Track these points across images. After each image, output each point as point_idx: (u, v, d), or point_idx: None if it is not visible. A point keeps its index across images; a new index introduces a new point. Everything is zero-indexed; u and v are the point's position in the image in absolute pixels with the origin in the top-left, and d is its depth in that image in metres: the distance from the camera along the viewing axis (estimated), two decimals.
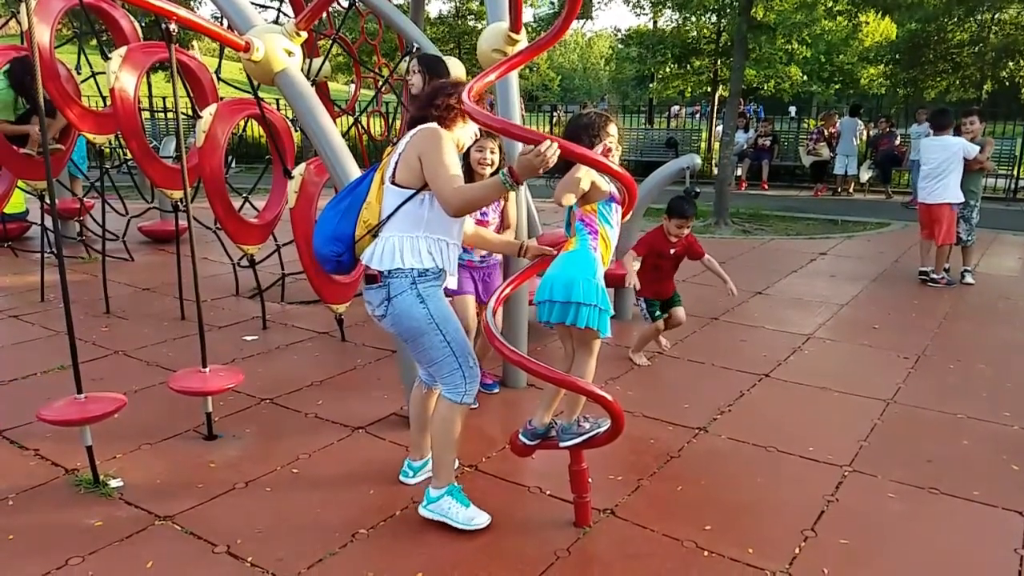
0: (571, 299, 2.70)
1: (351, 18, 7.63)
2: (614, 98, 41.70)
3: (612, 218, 2.85)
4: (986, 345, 5.35)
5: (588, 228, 2.81)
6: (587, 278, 2.73)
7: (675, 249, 4.75)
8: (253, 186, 6.11)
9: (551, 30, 3.15)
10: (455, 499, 2.97)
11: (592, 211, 2.81)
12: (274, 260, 6.15)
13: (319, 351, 5.10)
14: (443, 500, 2.96)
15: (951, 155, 6.88)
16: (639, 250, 4.65)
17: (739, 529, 2.98)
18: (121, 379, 4.43)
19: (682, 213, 4.64)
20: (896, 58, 19.95)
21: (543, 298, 2.78)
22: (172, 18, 3.30)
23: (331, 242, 2.85)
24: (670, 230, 4.68)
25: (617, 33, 20.41)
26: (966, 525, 3.06)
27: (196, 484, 3.27)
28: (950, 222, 6.98)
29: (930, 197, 7.07)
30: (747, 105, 21.33)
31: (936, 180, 7.01)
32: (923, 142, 7.26)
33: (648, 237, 4.76)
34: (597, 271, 2.79)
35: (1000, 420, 4.03)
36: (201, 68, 5.86)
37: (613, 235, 2.87)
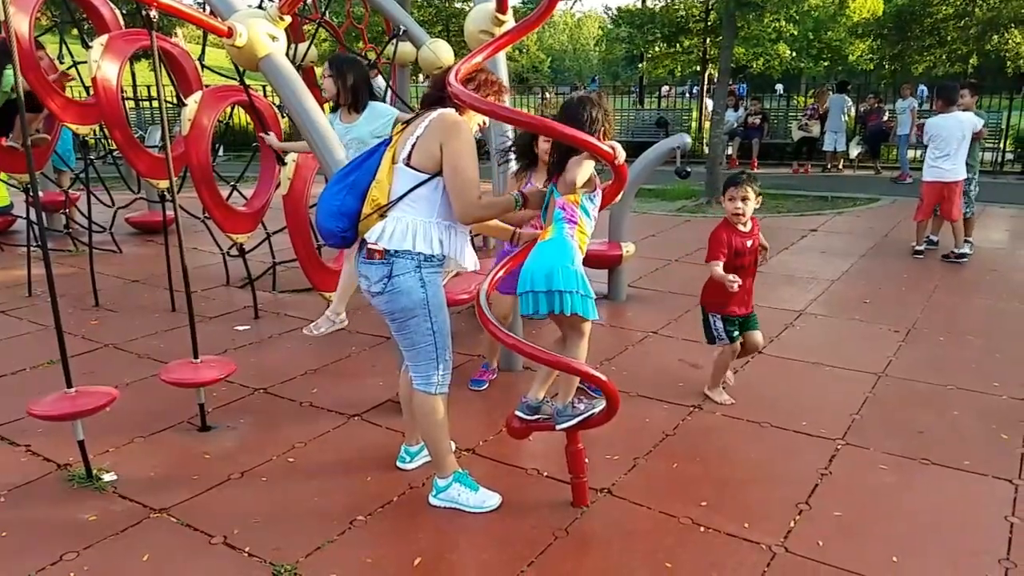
0: (552, 288, 2.69)
1: (337, 2, 7.55)
2: (605, 78, 41.51)
3: (592, 210, 2.84)
4: (975, 317, 5.39)
5: (567, 218, 2.78)
6: (565, 265, 2.71)
7: (752, 239, 3.81)
8: (241, 174, 6.07)
9: (537, 10, 3.12)
10: (464, 485, 2.99)
11: (575, 201, 2.79)
12: (264, 248, 6.12)
13: (312, 339, 5.04)
14: (452, 488, 2.98)
15: (965, 131, 6.84)
16: (718, 253, 3.71)
17: (734, 504, 3.00)
18: (112, 372, 4.40)
19: (733, 180, 3.78)
20: (883, 33, 19.92)
21: (524, 289, 2.76)
22: (153, 5, 3.25)
23: (336, 217, 2.78)
24: (734, 210, 3.74)
25: (608, 12, 20.29)
26: (957, 494, 3.09)
27: (191, 476, 3.26)
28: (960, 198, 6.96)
29: (948, 175, 6.93)
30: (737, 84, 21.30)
31: (953, 157, 6.90)
32: (934, 120, 7.09)
33: (718, 234, 3.76)
34: (575, 258, 2.77)
35: (989, 390, 4.07)
36: (184, 55, 5.80)
37: (590, 225, 2.85)
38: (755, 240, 3.81)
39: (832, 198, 10.77)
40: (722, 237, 3.73)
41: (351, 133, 4.29)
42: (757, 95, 16.86)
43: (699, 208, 10.07)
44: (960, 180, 6.93)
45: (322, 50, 8.52)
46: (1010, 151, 14.03)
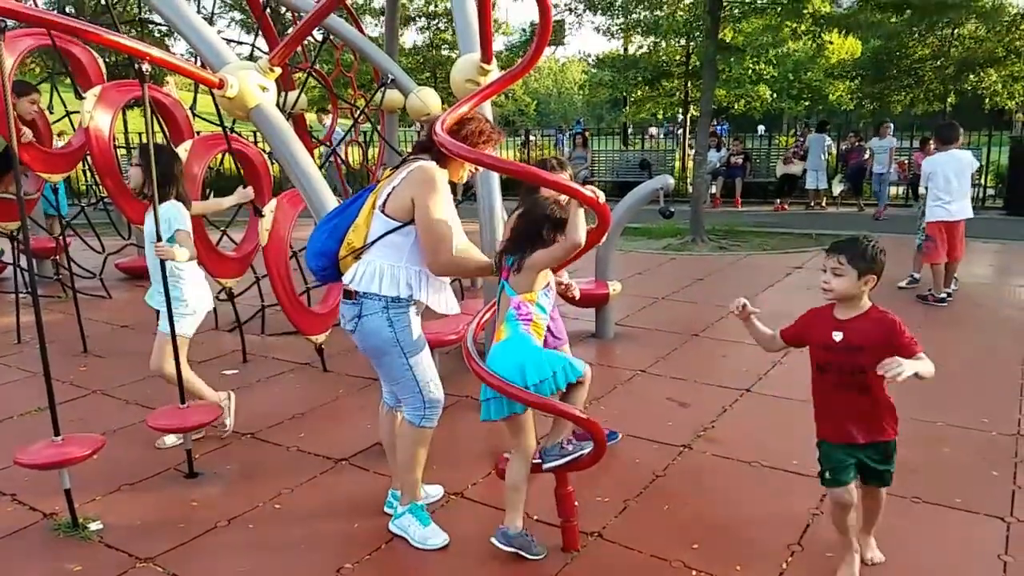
0: (527, 383, 2.69)
1: (326, 50, 7.69)
2: (589, 121, 42.13)
3: (548, 304, 2.88)
4: (962, 352, 5.42)
5: (521, 317, 2.79)
6: (530, 361, 2.72)
7: (843, 332, 2.71)
8: (231, 219, 6.10)
9: (522, 61, 3.22)
10: (415, 517, 3.05)
11: (531, 300, 2.80)
12: (254, 292, 6.12)
13: (300, 383, 5.07)
14: (405, 517, 3.06)
15: (965, 168, 6.81)
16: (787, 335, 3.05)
17: (726, 546, 2.99)
18: (100, 419, 4.38)
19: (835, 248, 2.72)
20: (862, 74, 20.37)
21: (487, 396, 2.78)
22: (146, 58, 3.31)
23: (316, 257, 3.02)
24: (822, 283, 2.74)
25: (587, 58, 20.65)
26: (950, 534, 3.08)
27: (177, 524, 3.23)
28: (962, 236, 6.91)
29: (960, 213, 6.83)
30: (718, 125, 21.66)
31: (962, 195, 6.83)
32: (937, 158, 6.97)
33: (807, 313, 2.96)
34: (533, 344, 2.78)
35: (979, 427, 4.08)
36: (176, 104, 5.87)
37: (545, 319, 2.87)
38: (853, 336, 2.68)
39: (816, 235, 10.89)
40: (806, 316, 2.96)
41: (148, 225, 3.84)
42: (739, 135, 17.15)
43: (684, 246, 10.17)
44: (964, 219, 6.86)
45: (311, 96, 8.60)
46: (991, 187, 14.28)
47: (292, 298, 4.80)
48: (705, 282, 7.99)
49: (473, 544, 3.05)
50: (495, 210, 4.28)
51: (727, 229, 11.23)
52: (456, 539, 3.05)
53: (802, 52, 18.70)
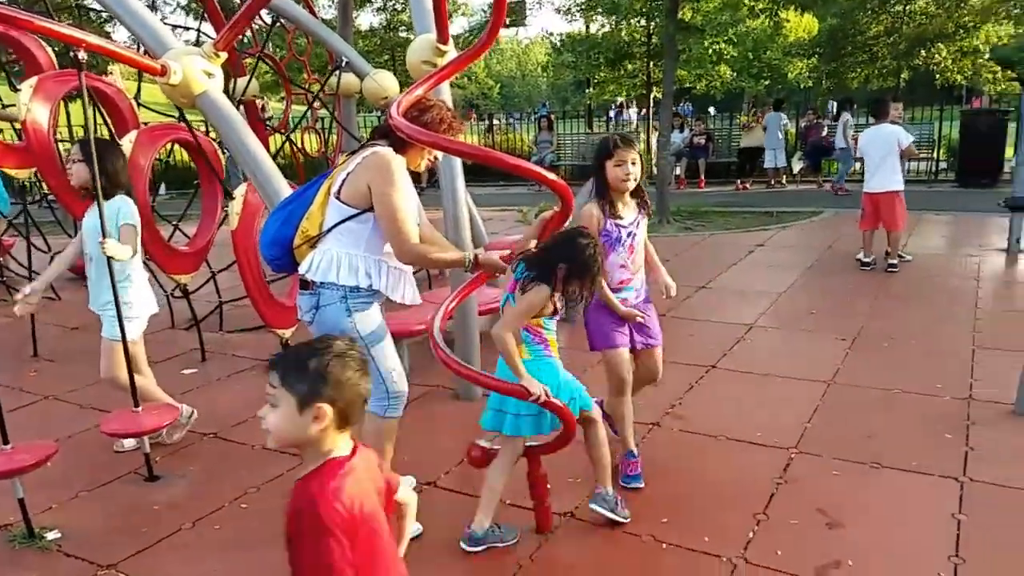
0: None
1: (278, 35, 7.52)
2: (554, 103, 42.02)
3: (552, 325, 2.88)
4: (917, 322, 5.54)
5: (536, 338, 2.82)
6: (555, 384, 2.75)
7: None
8: (183, 212, 5.94)
9: (478, 41, 3.16)
10: None
11: (539, 324, 2.82)
12: (210, 288, 5.98)
13: (263, 379, 4.92)
14: None
15: (891, 143, 7.02)
16: None
17: (695, 519, 3.02)
18: (53, 425, 4.23)
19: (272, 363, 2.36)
20: (819, 52, 20.64)
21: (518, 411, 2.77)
22: (82, 45, 3.18)
23: (270, 246, 2.92)
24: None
25: (549, 36, 20.52)
26: (907, 495, 3.17)
27: (140, 529, 3.14)
28: (899, 208, 7.08)
29: (880, 185, 7.11)
30: (681, 106, 21.78)
31: (880, 169, 7.10)
32: (865, 132, 7.32)
33: None
34: (556, 370, 2.83)
35: (933, 392, 4.18)
36: (119, 94, 5.67)
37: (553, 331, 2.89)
38: None
39: (777, 213, 11.02)
40: None
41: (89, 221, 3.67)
42: (701, 115, 17.24)
43: (650, 228, 10.14)
44: (890, 191, 7.05)
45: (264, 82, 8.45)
46: (943, 160, 14.57)
47: (261, 288, 4.67)
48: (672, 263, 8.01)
49: (447, 533, 3.01)
50: (458, 196, 4.21)
51: (692, 210, 11.31)
52: (430, 529, 3.00)
53: (761, 31, 18.85)
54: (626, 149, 3.06)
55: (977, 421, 3.81)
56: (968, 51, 17.76)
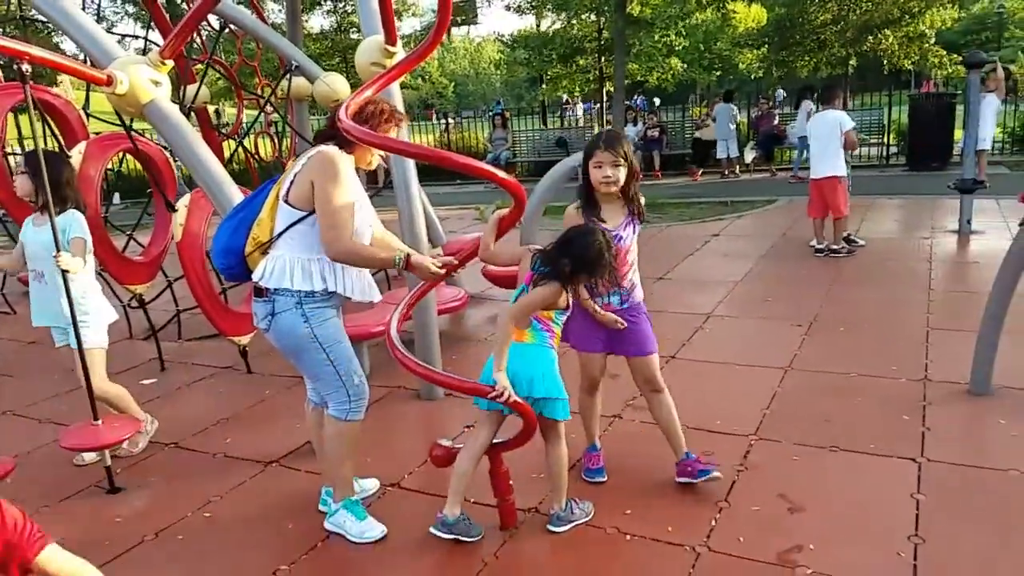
0: (532, 395, 2.77)
1: (228, 40, 7.43)
2: (509, 100, 42.02)
3: (562, 319, 2.91)
4: (872, 306, 5.68)
5: (545, 329, 2.84)
6: (545, 373, 2.80)
7: None
8: (136, 222, 5.85)
9: (425, 41, 3.17)
10: (350, 512, 3.01)
11: (549, 317, 2.85)
12: (167, 297, 5.90)
13: (224, 386, 4.93)
14: (339, 513, 3.01)
15: (832, 128, 7.16)
16: None
17: (657, 509, 3.06)
18: (12, 440, 4.17)
19: None
20: (768, 42, 20.97)
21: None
22: (25, 58, 3.12)
23: (222, 255, 2.90)
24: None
25: (500, 38, 20.55)
26: (866, 478, 3.24)
27: (102, 542, 3.10)
28: (841, 194, 7.21)
29: (819, 171, 7.27)
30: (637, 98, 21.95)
31: (823, 155, 7.26)
32: (812, 119, 7.49)
33: None
34: (554, 364, 2.86)
35: (889, 374, 4.29)
36: (67, 106, 5.57)
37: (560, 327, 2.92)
38: None
39: (732, 202, 11.20)
40: None
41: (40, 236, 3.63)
42: (654, 108, 17.41)
43: None
44: (829, 176, 7.19)
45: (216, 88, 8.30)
46: (894, 144, 14.90)
47: (211, 297, 4.64)
48: None
49: (412, 534, 3.03)
50: (412, 196, 4.21)
51: (648, 202, 11.23)
52: (394, 530, 3.03)
53: (710, 22, 19.09)
54: (607, 151, 2.97)
55: (933, 402, 3.91)
56: (914, 36, 18.19)
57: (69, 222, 3.54)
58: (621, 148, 2.98)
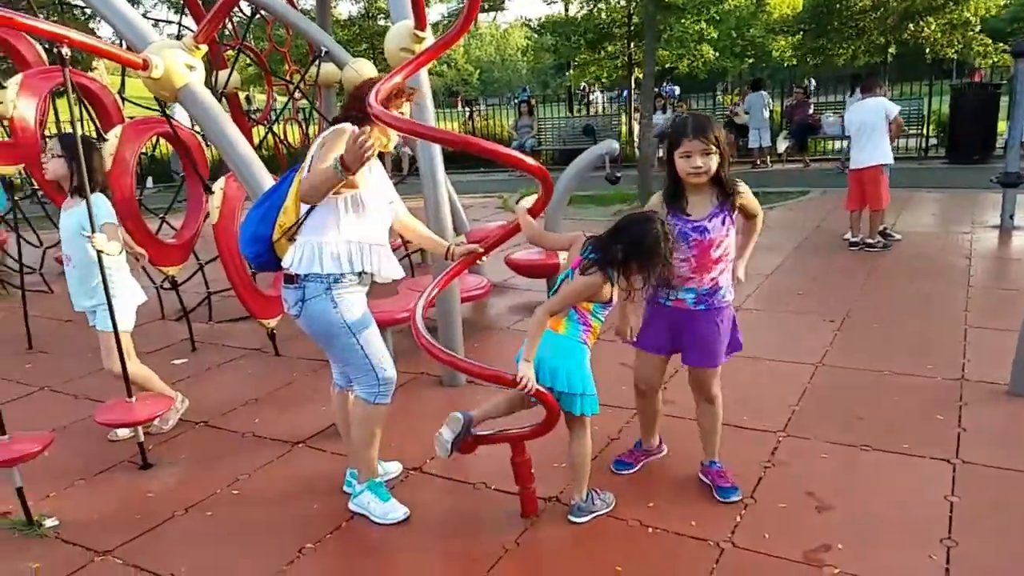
0: (554, 386, 2.73)
1: (258, 27, 7.48)
2: (535, 87, 41.79)
3: (603, 314, 2.83)
4: (908, 302, 5.57)
5: (582, 321, 2.79)
6: (570, 368, 2.75)
7: None
8: (169, 205, 5.94)
9: (454, 27, 3.16)
10: (374, 493, 3.04)
11: (587, 308, 2.79)
12: (198, 279, 5.99)
13: (252, 368, 5.00)
14: (364, 495, 3.05)
15: (874, 116, 7.00)
16: None
17: (682, 503, 3.04)
18: (49, 415, 4.27)
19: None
20: (803, 29, 20.53)
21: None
22: (64, 41, 3.17)
23: (250, 243, 2.93)
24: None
25: (527, 23, 20.35)
26: (898, 478, 3.17)
27: (134, 515, 3.19)
28: (883, 185, 7.06)
29: (862, 160, 7.09)
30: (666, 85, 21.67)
31: (867, 143, 7.07)
32: (850, 108, 7.28)
33: None
34: (584, 359, 2.80)
35: (924, 373, 4.20)
36: (104, 90, 5.66)
37: (601, 323, 2.85)
38: None
39: (763, 193, 11.03)
40: None
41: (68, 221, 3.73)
42: (684, 96, 17.17)
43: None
44: (872, 166, 7.03)
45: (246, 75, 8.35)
46: (933, 136, 14.55)
47: (244, 280, 4.70)
48: None
49: (434, 516, 3.07)
50: (439, 183, 4.22)
51: None
52: (417, 512, 3.06)
53: (743, 8, 18.74)
54: (696, 139, 2.69)
55: (970, 402, 3.82)
56: (958, 24, 17.68)
57: (97, 205, 3.59)
58: (711, 134, 2.71)
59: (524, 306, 6.10)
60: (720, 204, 2.83)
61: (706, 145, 2.69)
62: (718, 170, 2.78)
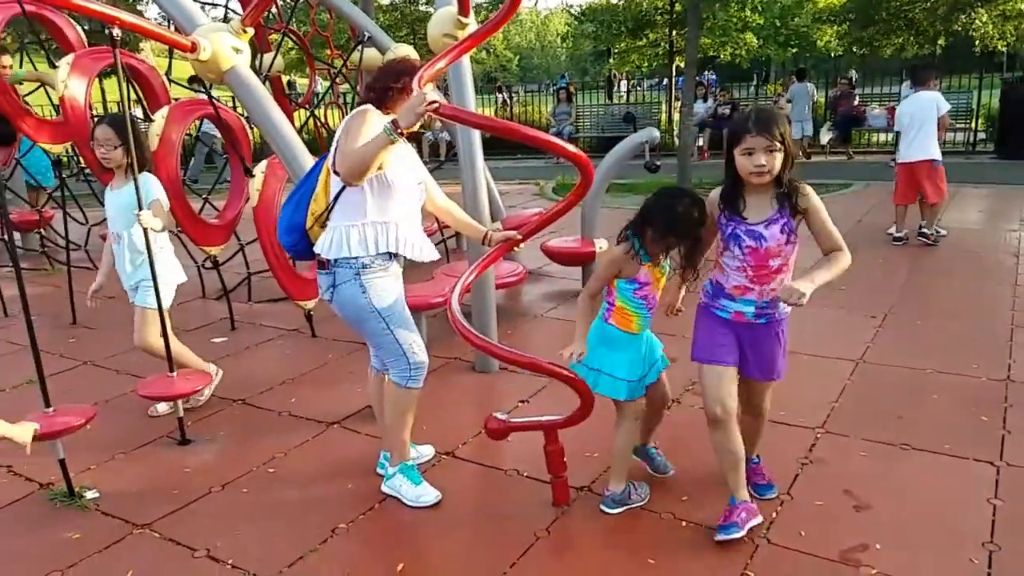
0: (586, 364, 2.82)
1: (301, 10, 7.53)
2: (573, 74, 41.50)
3: (634, 291, 2.78)
4: (951, 299, 5.45)
5: (608, 299, 2.85)
6: (591, 343, 2.82)
7: None
8: (212, 187, 6.02)
9: (499, 13, 3.15)
10: (406, 476, 3.07)
11: (613, 285, 2.82)
12: (239, 259, 6.08)
13: (289, 349, 5.07)
14: (396, 477, 3.08)
15: (927, 110, 6.84)
16: None
17: (716, 498, 2.98)
18: (91, 390, 4.37)
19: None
20: (850, 18, 20.06)
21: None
22: (115, 23, 3.23)
23: (287, 232, 2.99)
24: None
25: (569, 8, 20.19)
26: (938, 479, 3.11)
27: (172, 490, 3.25)
28: (939, 178, 6.90)
29: (914, 154, 6.93)
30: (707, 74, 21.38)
31: (917, 137, 6.90)
32: (904, 101, 7.12)
33: None
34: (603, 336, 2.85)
35: (968, 372, 4.10)
36: (151, 71, 5.74)
37: (636, 306, 2.81)
38: None
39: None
40: None
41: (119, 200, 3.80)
42: (726, 85, 16.92)
43: None
44: (924, 160, 6.87)
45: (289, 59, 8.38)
46: (982, 131, 14.17)
47: (282, 262, 4.77)
48: None
49: (466, 501, 3.10)
50: (477, 169, 4.21)
51: (714, 182, 11.06)
52: (448, 497, 3.08)
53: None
54: (760, 135, 2.44)
55: (1015, 403, 3.73)
56: (1011, 15, 17.13)
57: (145, 183, 3.66)
58: (777, 130, 2.45)
59: (559, 294, 6.08)
60: (780, 209, 2.57)
61: (771, 142, 2.44)
62: (780, 170, 2.52)
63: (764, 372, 2.79)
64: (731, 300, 2.68)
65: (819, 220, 2.61)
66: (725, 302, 2.70)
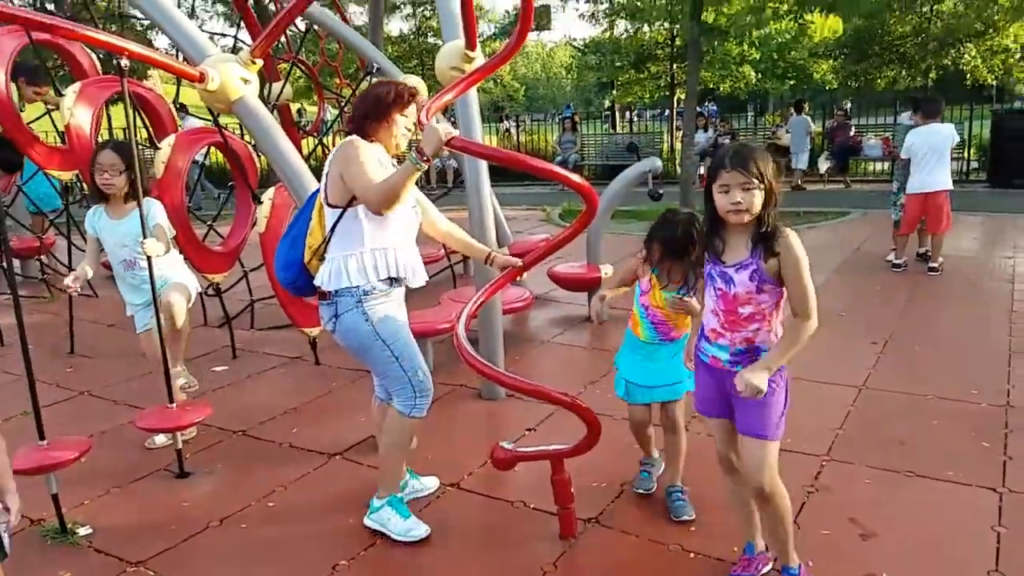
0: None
1: (311, 40, 7.63)
2: (578, 105, 41.93)
3: (640, 299, 3.09)
4: (951, 325, 5.46)
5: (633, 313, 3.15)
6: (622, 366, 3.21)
7: None
8: (216, 214, 6.04)
9: (505, 47, 3.19)
10: (394, 509, 3.00)
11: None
12: (242, 287, 6.07)
13: (292, 377, 5.04)
14: (383, 510, 3.01)
15: (945, 141, 6.88)
16: None
17: (724, 528, 2.97)
18: (87, 421, 4.31)
19: None
20: (844, 53, 20.38)
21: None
22: (124, 54, 3.26)
23: (284, 269, 3.00)
24: None
25: (572, 41, 20.54)
26: (942, 506, 3.10)
27: (168, 526, 3.18)
28: (949, 208, 6.95)
29: (929, 184, 6.92)
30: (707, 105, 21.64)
31: (935, 167, 6.91)
32: (915, 131, 7.03)
33: None
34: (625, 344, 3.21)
35: (968, 398, 4.11)
36: (158, 99, 5.80)
37: (641, 313, 3.09)
38: None
39: (803, 213, 10.92)
40: None
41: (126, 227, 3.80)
42: (725, 115, 17.11)
43: None
44: (941, 190, 6.90)
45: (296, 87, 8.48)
46: (974, 160, 14.36)
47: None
48: None
49: (471, 534, 3.06)
50: (484, 196, 4.23)
51: None
52: (453, 530, 3.04)
53: (785, 32, 18.70)
54: (735, 170, 2.26)
55: (1016, 429, 3.73)
56: (998, 50, 17.45)
57: (150, 209, 3.70)
58: (755, 167, 2.24)
59: (565, 319, 6.08)
60: (752, 251, 2.32)
61: (747, 178, 2.23)
62: (763, 209, 2.30)
63: (751, 426, 2.46)
64: (708, 343, 2.50)
65: (793, 274, 2.29)
66: (704, 344, 2.52)
